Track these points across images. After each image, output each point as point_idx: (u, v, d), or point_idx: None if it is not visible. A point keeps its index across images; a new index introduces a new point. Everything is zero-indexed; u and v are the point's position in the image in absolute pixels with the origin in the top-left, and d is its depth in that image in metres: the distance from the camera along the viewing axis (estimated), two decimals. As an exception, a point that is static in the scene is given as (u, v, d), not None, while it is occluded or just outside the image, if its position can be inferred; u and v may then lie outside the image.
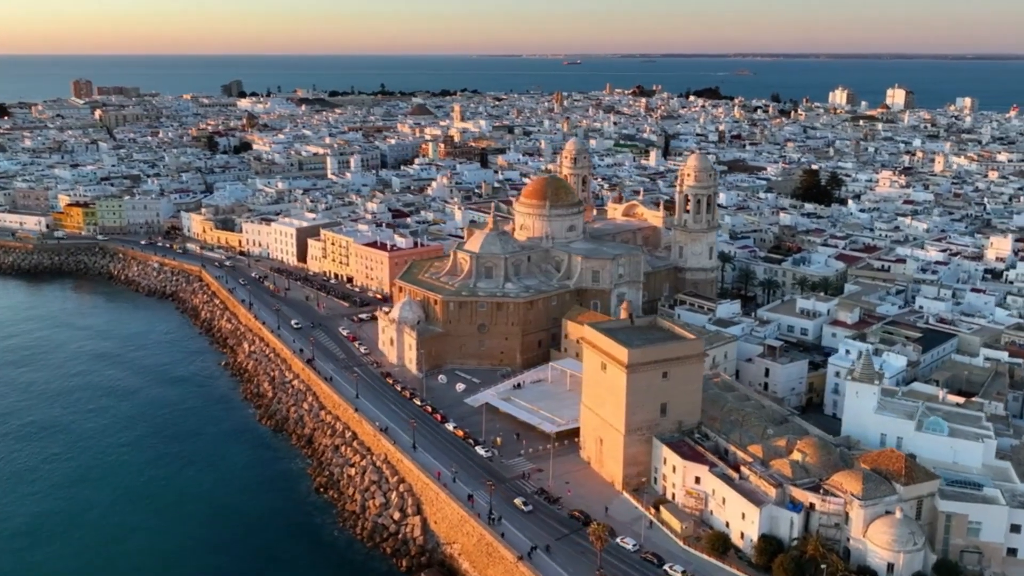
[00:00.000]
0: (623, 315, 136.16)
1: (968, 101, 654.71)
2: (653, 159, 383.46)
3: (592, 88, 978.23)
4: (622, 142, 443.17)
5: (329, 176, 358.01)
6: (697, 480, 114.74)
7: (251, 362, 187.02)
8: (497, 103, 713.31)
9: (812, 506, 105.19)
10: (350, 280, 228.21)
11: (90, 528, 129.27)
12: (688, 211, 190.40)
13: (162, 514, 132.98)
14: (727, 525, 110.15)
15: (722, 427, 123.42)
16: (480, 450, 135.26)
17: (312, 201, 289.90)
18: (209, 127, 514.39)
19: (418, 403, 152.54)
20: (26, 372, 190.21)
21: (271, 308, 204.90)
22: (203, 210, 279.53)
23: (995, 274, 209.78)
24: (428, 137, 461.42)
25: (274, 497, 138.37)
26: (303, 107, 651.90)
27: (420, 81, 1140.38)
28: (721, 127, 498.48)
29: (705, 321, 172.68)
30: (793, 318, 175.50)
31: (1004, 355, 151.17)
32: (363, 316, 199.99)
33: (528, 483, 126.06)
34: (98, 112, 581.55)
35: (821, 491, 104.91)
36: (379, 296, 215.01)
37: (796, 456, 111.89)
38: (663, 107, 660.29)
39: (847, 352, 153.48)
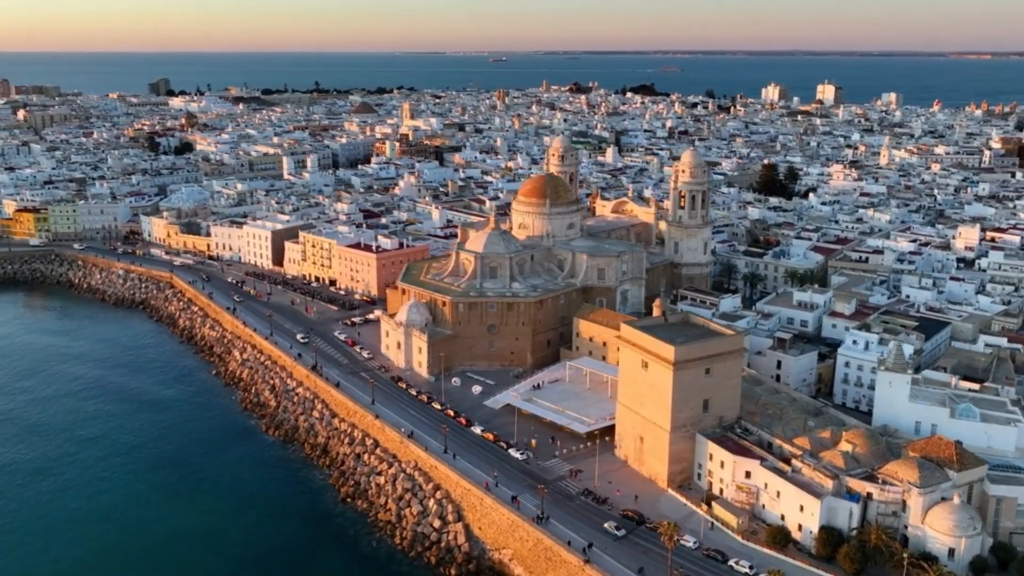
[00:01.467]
0: (656, 313, 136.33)
1: (893, 96, 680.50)
2: (610, 156, 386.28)
3: (521, 84, 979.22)
4: (575, 139, 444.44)
5: (286, 176, 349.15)
6: (747, 475, 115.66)
7: (245, 370, 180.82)
8: (438, 100, 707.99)
9: (869, 496, 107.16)
10: (333, 283, 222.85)
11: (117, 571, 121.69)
12: (683, 207, 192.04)
13: (187, 537, 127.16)
14: (782, 518, 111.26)
15: (762, 421, 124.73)
16: (514, 453, 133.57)
17: (278, 203, 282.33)
18: (145, 127, 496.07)
19: (438, 407, 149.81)
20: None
21: (264, 315, 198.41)
22: (164, 213, 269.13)
23: (967, 263, 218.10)
24: (379, 136, 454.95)
25: (300, 510, 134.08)
26: (240, 106, 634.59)
27: (353, 79, 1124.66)
28: (668, 123, 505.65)
29: (708, 315, 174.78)
30: (793, 310, 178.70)
31: (1003, 341, 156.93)
32: (356, 320, 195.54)
33: (572, 484, 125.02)
34: (21, 112, 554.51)
35: (881, 481, 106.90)
36: (367, 299, 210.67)
37: (846, 447, 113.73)
38: (604, 104, 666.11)
39: (854, 342, 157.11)
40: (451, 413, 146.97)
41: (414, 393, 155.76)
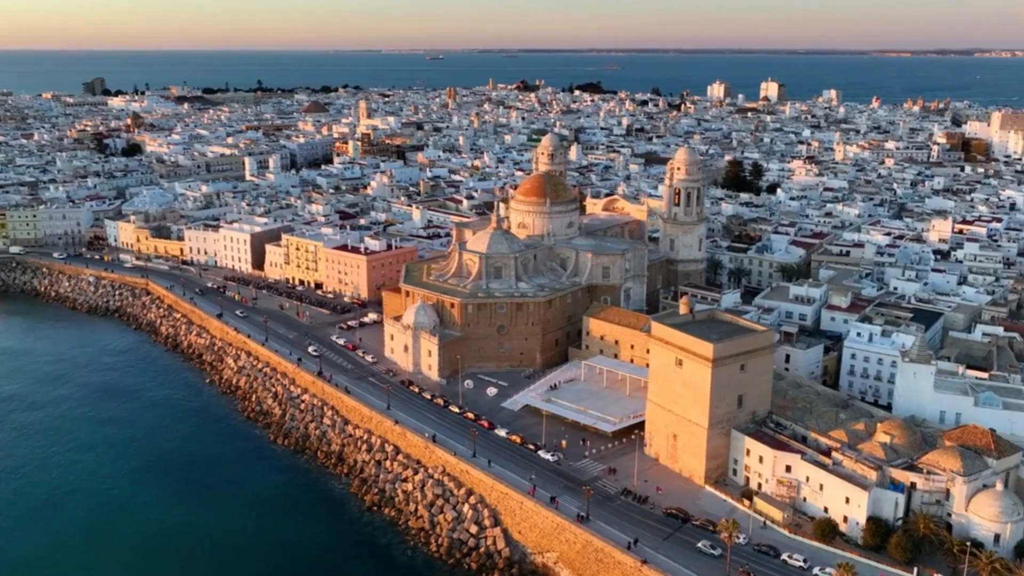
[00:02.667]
0: (683, 310, 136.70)
1: (834, 93, 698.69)
2: (574, 154, 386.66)
3: (463, 82, 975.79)
4: (535, 136, 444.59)
5: (248, 178, 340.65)
6: (788, 469, 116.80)
7: (242, 378, 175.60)
8: (386, 99, 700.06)
9: (913, 485, 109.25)
10: (319, 286, 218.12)
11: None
12: (678, 204, 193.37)
13: (211, 552, 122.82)
14: (825, 510, 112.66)
15: (793, 415, 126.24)
16: (544, 454, 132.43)
17: (248, 205, 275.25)
18: (88, 128, 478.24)
19: (456, 410, 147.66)
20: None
21: (249, 319, 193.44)
22: (132, 217, 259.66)
23: (943, 255, 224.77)
24: (336, 135, 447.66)
25: (325, 520, 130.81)
26: (185, 105, 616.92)
27: (294, 77, 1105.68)
28: (624, 121, 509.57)
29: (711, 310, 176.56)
30: (791, 304, 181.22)
31: (999, 330, 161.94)
32: (352, 323, 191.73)
33: (609, 484, 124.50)
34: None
35: (925, 471, 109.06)
36: (358, 302, 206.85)
37: (884, 438, 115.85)
38: (554, 101, 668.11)
39: (858, 335, 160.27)
40: (472, 416, 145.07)
41: (428, 397, 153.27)
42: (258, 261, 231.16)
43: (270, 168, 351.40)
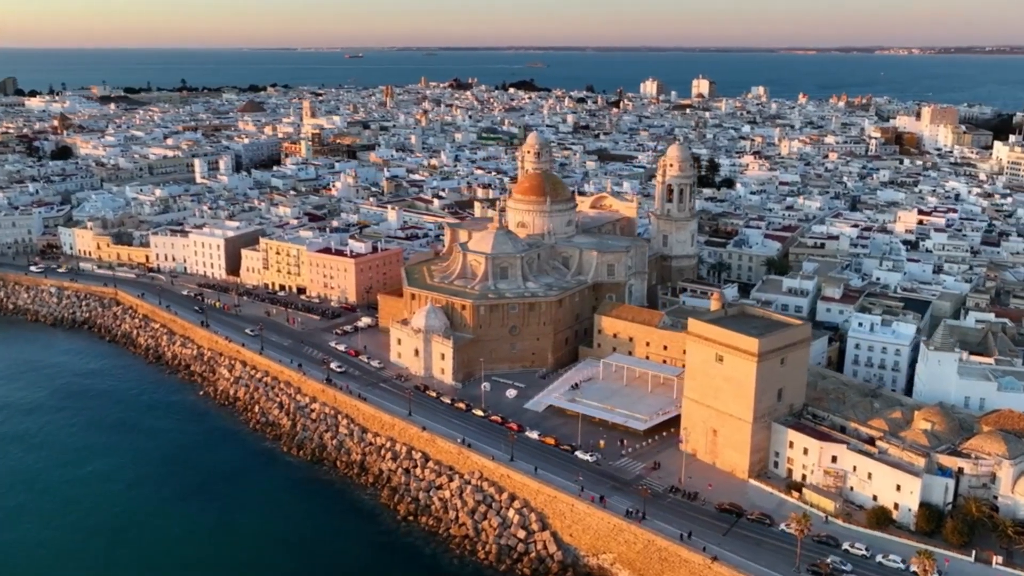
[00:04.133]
0: (714, 306, 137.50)
1: (762, 89, 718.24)
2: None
3: (387, 81, 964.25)
4: (485, 135, 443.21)
5: (199, 180, 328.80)
6: (833, 459, 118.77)
7: (240, 389, 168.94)
8: (319, 97, 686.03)
9: (960, 470, 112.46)
10: (301, 291, 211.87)
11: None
12: (671, 200, 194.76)
13: (244, 573, 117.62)
14: (874, 499, 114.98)
15: (829, 406, 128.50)
16: (581, 455, 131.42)
17: (210, 208, 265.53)
18: (11, 130, 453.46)
19: (480, 414, 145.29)
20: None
21: (237, 327, 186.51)
22: (89, 224, 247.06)
23: (912, 245, 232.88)
24: (281, 135, 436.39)
25: (359, 532, 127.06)
26: (112, 106, 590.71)
27: (217, 76, 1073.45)
28: (569, 118, 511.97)
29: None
30: (786, 297, 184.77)
31: (991, 316, 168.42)
32: (347, 328, 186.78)
33: (654, 482, 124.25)
34: None
35: (973, 456, 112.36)
36: (347, 306, 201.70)
37: (925, 425, 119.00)
38: (491, 99, 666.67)
39: (860, 325, 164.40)
40: (499, 419, 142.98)
41: (448, 401, 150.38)
42: (233, 267, 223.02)
43: (221, 170, 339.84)
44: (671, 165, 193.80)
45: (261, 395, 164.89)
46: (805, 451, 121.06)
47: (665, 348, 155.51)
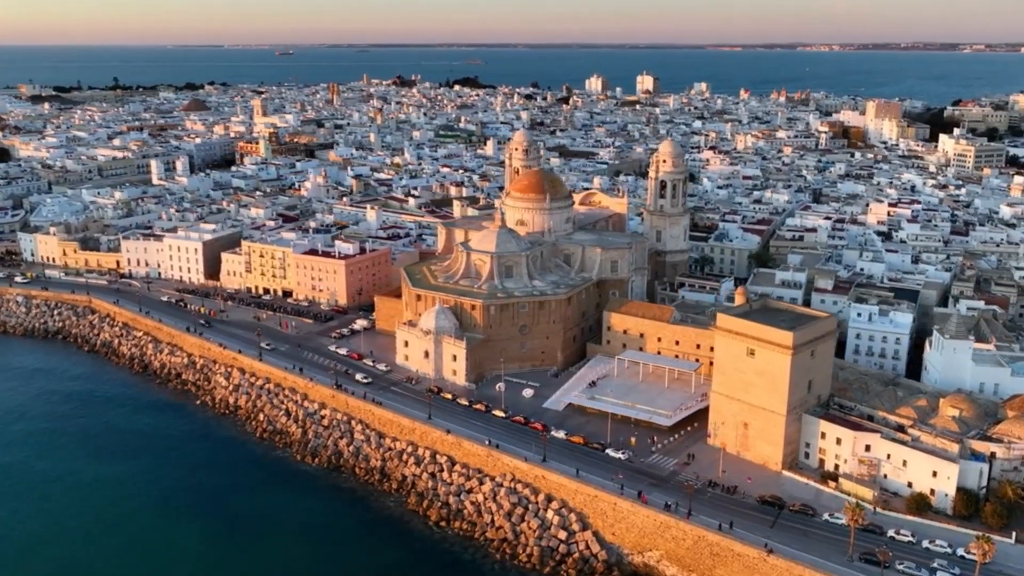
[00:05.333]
0: (739, 300, 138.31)
1: (704, 85, 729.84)
2: (491, 149, 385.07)
3: (323, 79, 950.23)
4: (443, 132, 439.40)
5: (156, 182, 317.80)
6: (867, 448, 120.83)
7: (241, 397, 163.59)
8: (260, 96, 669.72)
9: (993, 455, 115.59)
10: (287, 294, 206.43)
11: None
12: (663, 196, 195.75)
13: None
14: (909, 485, 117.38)
15: (854, 396, 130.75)
16: (612, 453, 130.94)
17: (178, 211, 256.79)
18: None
19: (501, 414, 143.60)
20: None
21: (227, 333, 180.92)
22: (52, 229, 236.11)
23: (885, 235, 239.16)
24: (233, 134, 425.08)
25: (395, 541, 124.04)
26: (46, 106, 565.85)
27: (149, 74, 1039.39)
28: (523, 115, 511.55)
29: (712, 300, 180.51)
30: (780, 289, 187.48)
31: (981, 304, 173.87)
32: (344, 331, 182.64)
33: (689, 478, 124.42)
34: None
35: (1006, 440, 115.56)
36: (337, 309, 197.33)
37: (952, 412, 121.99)
38: (439, 96, 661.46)
39: (858, 315, 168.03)
40: (522, 420, 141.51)
41: (466, 403, 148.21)
42: (211, 271, 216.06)
43: (178, 171, 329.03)
44: (664, 161, 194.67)
45: (265, 403, 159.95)
46: (838, 441, 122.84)
47: (677, 343, 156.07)
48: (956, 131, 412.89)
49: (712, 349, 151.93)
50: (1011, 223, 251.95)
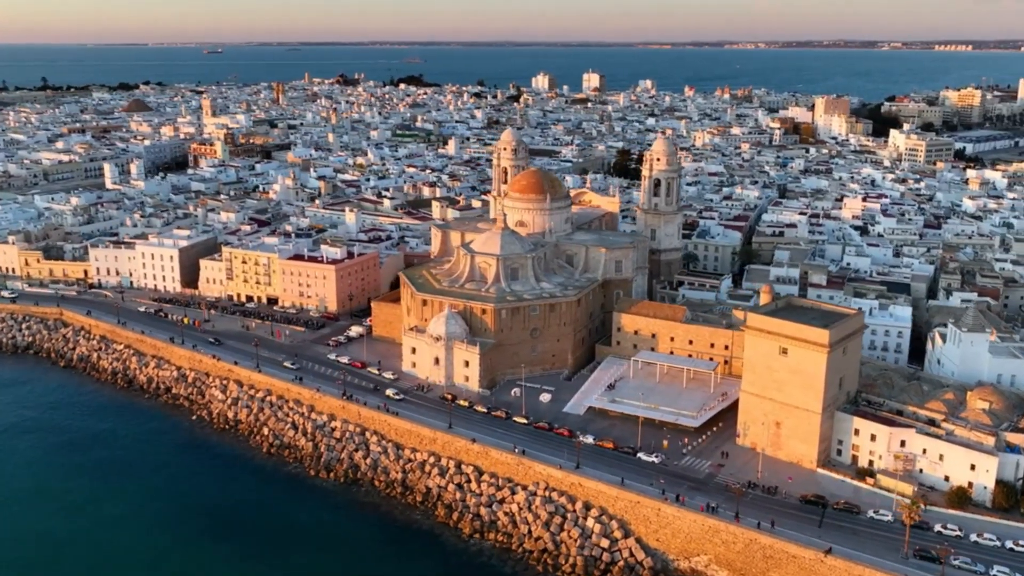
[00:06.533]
0: (765, 299, 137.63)
1: (650, 83, 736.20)
2: (452, 148, 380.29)
3: (261, 78, 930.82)
4: (400, 132, 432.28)
5: (111, 186, 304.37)
6: (902, 443, 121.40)
7: (241, 411, 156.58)
8: (199, 95, 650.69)
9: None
10: (272, 302, 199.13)
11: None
12: (657, 195, 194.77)
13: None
14: (946, 479, 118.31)
15: (881, 391, 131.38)
16: (644, 456, 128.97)
17: (143, 217, 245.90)
18: None
19: (523, 421, 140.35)
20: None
21: (210, 342, 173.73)
22: (11, 239, 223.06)
23: (862, 230, 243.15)
24: (183, 136, 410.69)
25: (428, 554, 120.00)
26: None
27: (79, 74, 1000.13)
28: (478, 113, 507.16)
29: (714, 297, 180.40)
30: (777, 285, 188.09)
31: (974, 296, 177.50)
32: (340, 339, 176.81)
33: (727, 479, 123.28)
34: None
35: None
36: (328, 315, 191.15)
37: (983, 405, 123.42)
38: (384, 92, 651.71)
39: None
40: (545, 426, 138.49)
41: (484, 410, 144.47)
42: (190, 278, 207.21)
43: (133, 174, 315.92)
44: (658, 159, 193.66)
45: (268, 416, 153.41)
46: (872, 437, 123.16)
47: (691, 343, 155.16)
48: (905, 126, 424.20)
49: (726, 348, 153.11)
50: (978, 216, 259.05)
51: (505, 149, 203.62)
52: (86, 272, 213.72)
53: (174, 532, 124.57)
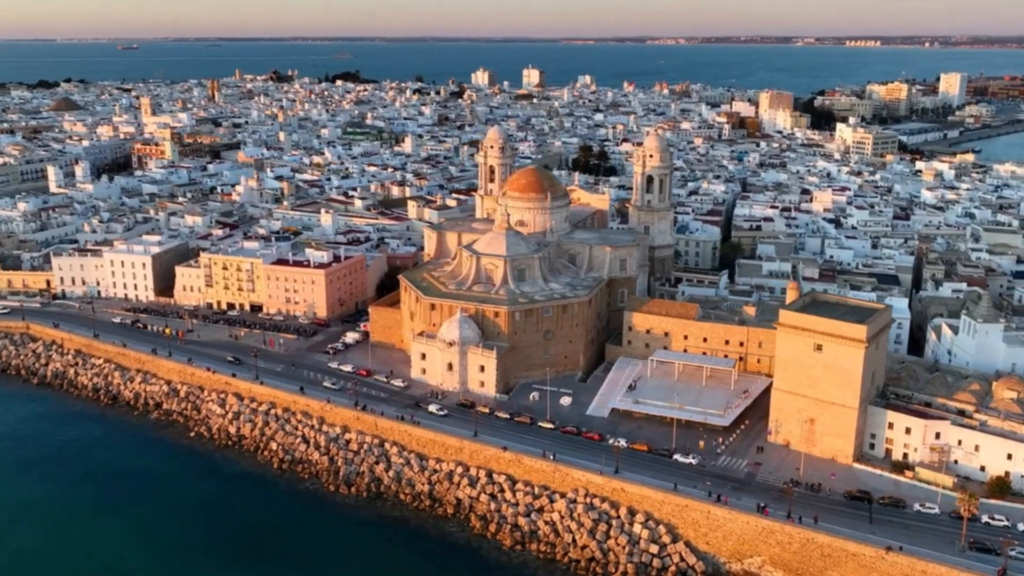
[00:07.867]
0: (791, 295, 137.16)
1: (590, 78, 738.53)
2: (409, 146, 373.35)
3: (181, 74, 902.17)
4: (350, 130, 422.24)
5: (56, 190, 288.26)
6: (937, 435, 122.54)
7: (244, 425, 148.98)
8: (127, 93, 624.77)
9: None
10: (256, 308, 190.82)
11: None
12: (650, 191, 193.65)
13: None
14: (982, 469, 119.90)
15: (908, 384, 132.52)
16: (681, 458, 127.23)
17: (101, 222, 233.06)
18: None
19: (549, 426, 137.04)
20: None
21: (191, 353, 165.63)
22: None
23: (836, 223, 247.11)
24: (123, 136, 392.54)
25: (469, 568, 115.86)
26: None
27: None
28: (426, 109, 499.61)
29: (714, 293, 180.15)
30: (769, 279, 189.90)
31: (963, 285, 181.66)
32: (338, 346, 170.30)
33: (768, 478, 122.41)
34: None
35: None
36: (317, 322, 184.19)
37: (1010, 394, 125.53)
38: (323, 89, 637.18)
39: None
40: (573, 430, 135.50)
41: (507, 416, 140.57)
42: (164, 286, 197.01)
43: (78, 177, 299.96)
44: (650, 156, 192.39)
45: (275, 430, 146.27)
46: (907, 430, 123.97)
47: (705, 340, 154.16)
48: (851, 120, 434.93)
49: (741, 344, 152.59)
50: (939, 207, 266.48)
51: (492, 147, 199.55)
52: (48, 282, 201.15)
53: (192, 559, 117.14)
